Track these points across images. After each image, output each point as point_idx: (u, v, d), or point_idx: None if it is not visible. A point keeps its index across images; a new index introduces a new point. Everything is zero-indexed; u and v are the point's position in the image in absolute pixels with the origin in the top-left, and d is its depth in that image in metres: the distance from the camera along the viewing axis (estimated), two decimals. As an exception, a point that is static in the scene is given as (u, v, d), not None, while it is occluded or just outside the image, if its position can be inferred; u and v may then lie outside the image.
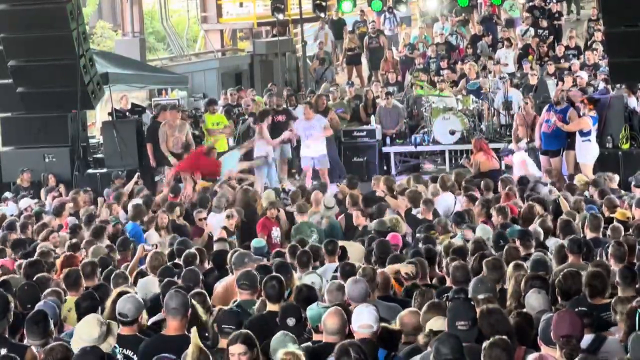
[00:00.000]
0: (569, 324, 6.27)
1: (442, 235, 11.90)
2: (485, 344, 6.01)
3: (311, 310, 7.47)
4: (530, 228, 11.25)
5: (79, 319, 7.88)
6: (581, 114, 17.41)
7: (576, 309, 7.03)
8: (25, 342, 7.65)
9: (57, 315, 8.31)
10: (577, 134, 17.18)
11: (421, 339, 6.92)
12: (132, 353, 7.41)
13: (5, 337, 7.54)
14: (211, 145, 19.00)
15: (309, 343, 7.26)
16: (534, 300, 7.40)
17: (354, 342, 6.37)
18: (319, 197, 14.61)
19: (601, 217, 11.43)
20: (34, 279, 9.67)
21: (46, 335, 7.42)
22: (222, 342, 7.14)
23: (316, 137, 18.36)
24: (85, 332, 7.28)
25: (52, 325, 7.58)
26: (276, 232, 13.75)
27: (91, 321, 7.40)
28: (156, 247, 12.01)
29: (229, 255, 10.20)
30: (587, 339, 6.84)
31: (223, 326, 7.25)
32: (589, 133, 17.12)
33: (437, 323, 6.87)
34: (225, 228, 13.55)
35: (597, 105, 17.78)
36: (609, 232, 10.97)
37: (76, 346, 7.05)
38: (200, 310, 7.65)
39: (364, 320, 6.90)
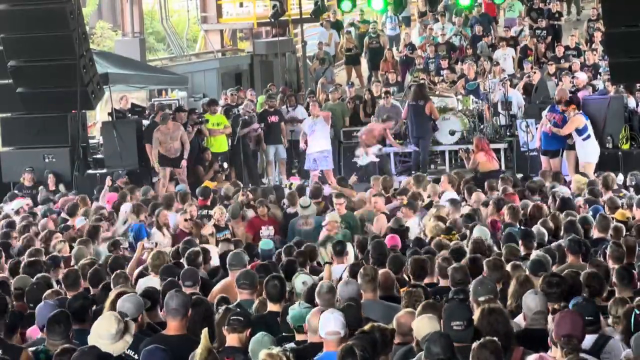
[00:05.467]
0: (570, 324, 6.28)
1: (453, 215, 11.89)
2: (474, 344, 5.99)
3: (293, 311, 7.50)
4: (534, 228, 11.24)
5: (72, 318, 7.86)
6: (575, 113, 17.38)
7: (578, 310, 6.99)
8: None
9: None
10: (576, 134, 17.15)
11: (414, 342, 6.91)
12: (134, 353, 7.38)
13: (1, 339, 7.53)
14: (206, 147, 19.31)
15: (292, 344, 7.27)
16: (531, 300, 7.39)
17: (360, 343, 6.34)
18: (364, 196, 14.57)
19: (610, 218, 11.44)
20: (35, 278, 9.67)
21: (67, 335, 7.41)
22: (230, 338, 7.18)
23: (319, 131, 18.39)
24: (103, 328, 7.23)
25: (72, 326, 7.60)
26: (267, 231, 13.68)
27: (109, 317, 7.35)
28: (156, 245, 12.01)
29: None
30: (590, 339, 6.83)
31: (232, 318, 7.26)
32: (585, 129, 17.07)
33: (425, 325, 6.85)
34: (215, 226, 13.57)
35: (578, 104, 17.77)
36: (611, 232, 10.97)
37: (93, 343, 7.02)
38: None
39: (331, 327, 6.86)
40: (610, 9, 17.24)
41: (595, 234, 11.04)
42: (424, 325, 6.76)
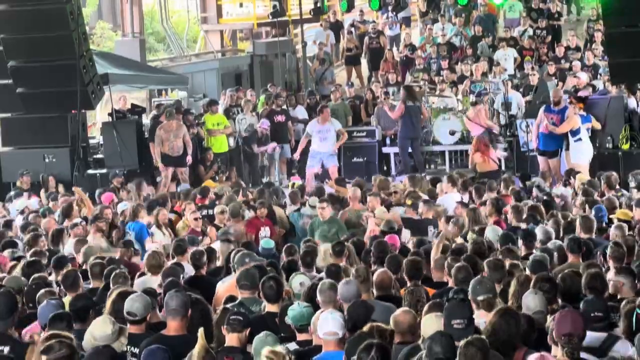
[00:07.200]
0: (571, 323, 6.28)
1: (456, 237, 11.78)
2: (461, 342, 5.99)
3: (293, 311, 7.47)
4: (539, 228, 11.21)
5: (73, 318, 7.86)
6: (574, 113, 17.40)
7: (590, 309, 6.99)
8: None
9: None
10: (569, 134, 17.16)
11: (421, 340, 6.90)
12: (137, 349, 7.39)
13: (9, 335, 7.54)
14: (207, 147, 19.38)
15: (294, 344, 7.26)
16: (530, 300, 7.40)
17: (380, 343, 6.34)
18: (357, 194, 14.52)
19: (593, 219, 11.42)
20: (32, 279, 9.66)
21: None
22: (229, 337, 7.18)
23: (330, 139, 18.59)
24: (98, 330, 7.27)
25: (74, 325, 7.59)
26: (264, 232, 13.69)
27: (104, 320, 7.41)
28: (159, 247, 12.02)
29: (231, 255, 10.19)
30: (599, 337, 6.85)
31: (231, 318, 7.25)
32: (578, 132, 17.07)
33: (433, 324, 6.83)
34: (215, 225, 13.54)
35: (585, 102, 17.79)
36: (613, 230, 10.94)
37: (88, 345, 7.03)
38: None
39: (329, 327, 6.88)
40: (610, 9, 17.25)
41: (581, 235, 10.98)
42: (431, 324, 6.77)
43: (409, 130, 19.78)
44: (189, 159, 18.66)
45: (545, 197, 13.74)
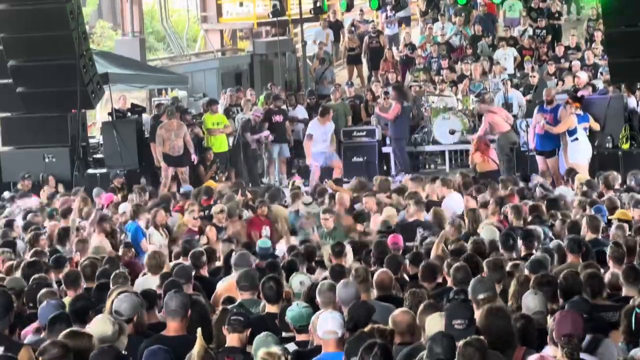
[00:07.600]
0: (571, 323, 6.29)
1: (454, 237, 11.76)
2: (459, 343, 6.00)
3: (292, 311, 7.47)
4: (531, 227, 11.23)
5: (73, 319, 7.85)
6: (570, 113, 17.39)
7: (575, 310, 6.99)
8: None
9: None
10: (566, 134, 17.15)
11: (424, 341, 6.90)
12: (126, 353, 7.33)
13: (4, 336, 7.54)
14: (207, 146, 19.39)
15: (293, 344, 7.26)
16: (530, 301, 7.40)
17: (383, 342, 6.33)
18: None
19: (600, 219, 11.41)
20: (32, 279, 9.65)
21: None
22: (230, 338, 7.17)
23: (330, 139, 18.94)
24: (98, 330, 7.22)
25: (73, 326, 7.58)
26: (265, 231, 13.67)
27: (104, 320, 7.36)
28: (160, 247, 12.03)
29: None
30: (585, 338, 6.83)
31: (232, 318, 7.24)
32: (575, 131, 17.05)
33: (437, 324, 6.83)
34: (214, 224, 13.53)
35: (582, 102, 17.78)
36: (614, 230, 10.93)
37: None
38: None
39: (329, 326, 6.88)
40: (610, 8, 17.25)
41: (587, 235, 10.97)
42: (436, 324, 6.77)
43: (404, 130, 19.87)
44: (194, 157, 18.70)
45: (549, 197, 13.72)
